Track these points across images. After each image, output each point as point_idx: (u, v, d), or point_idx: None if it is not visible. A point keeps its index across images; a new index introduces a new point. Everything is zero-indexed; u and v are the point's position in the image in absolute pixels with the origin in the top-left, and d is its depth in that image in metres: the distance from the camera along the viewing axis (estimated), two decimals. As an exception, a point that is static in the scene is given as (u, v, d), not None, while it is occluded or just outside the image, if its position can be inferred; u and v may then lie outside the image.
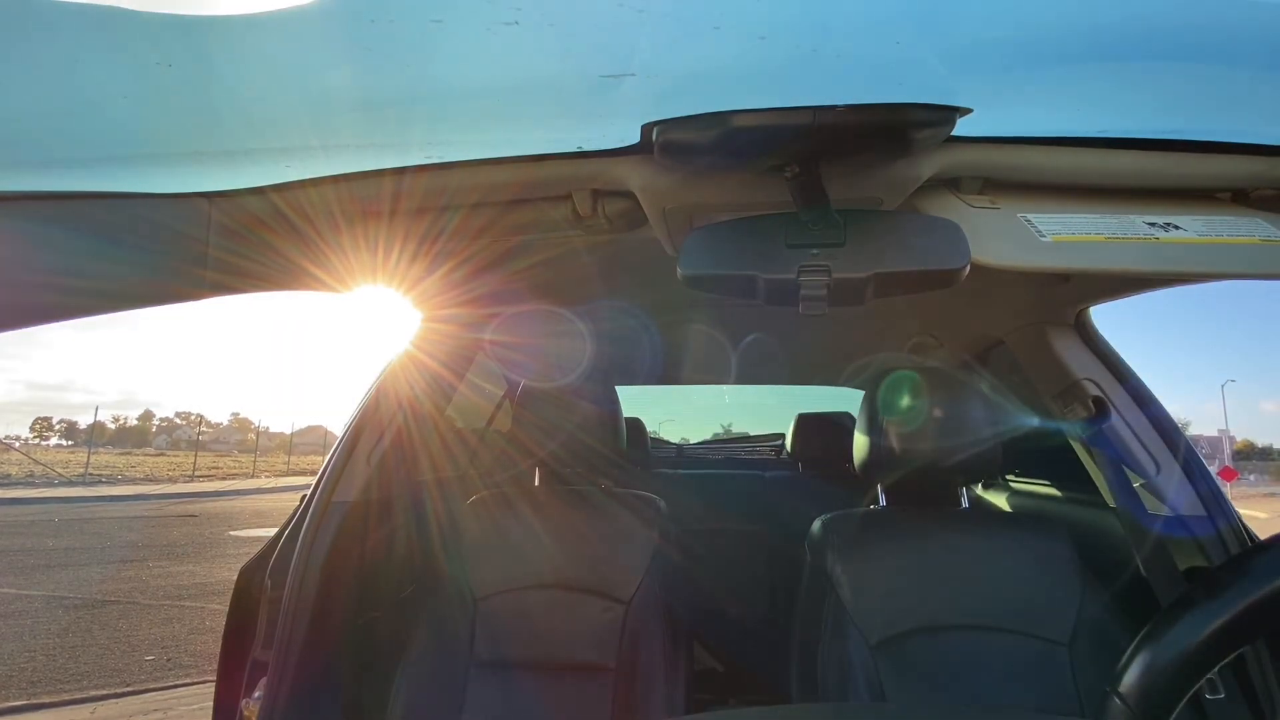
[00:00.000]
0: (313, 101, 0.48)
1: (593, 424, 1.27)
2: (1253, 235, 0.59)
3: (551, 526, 1.23)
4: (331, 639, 1.06)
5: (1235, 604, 0.54)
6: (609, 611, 1.18)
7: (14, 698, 3.32)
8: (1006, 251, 0.58)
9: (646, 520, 1.25)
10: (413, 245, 0.81)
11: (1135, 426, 1.11)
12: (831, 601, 1.04)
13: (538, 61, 0.44)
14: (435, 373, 1.29)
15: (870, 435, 1.10)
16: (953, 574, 1.04)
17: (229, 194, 0.63)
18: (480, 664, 1.16)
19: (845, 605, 1.02)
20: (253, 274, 0.71)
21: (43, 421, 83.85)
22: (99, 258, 0.55)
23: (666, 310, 1.49)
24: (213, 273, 0.64)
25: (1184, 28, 0.41)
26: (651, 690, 1.11)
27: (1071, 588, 1.01)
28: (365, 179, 0.65)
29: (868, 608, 1.02)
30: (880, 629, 1.00)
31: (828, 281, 0.56)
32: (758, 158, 0.61)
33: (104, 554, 7.15)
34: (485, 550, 1.23)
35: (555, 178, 0.69)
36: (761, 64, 0.44)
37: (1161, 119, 0.58)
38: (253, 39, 0.39)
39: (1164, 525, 1.03)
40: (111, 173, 0.55)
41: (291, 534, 1.11)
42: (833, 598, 1.04)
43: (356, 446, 1.15)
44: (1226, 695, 0.87)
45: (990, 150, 0.63)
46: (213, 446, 49.54)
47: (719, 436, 3.32)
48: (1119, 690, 0.54)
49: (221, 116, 0.49)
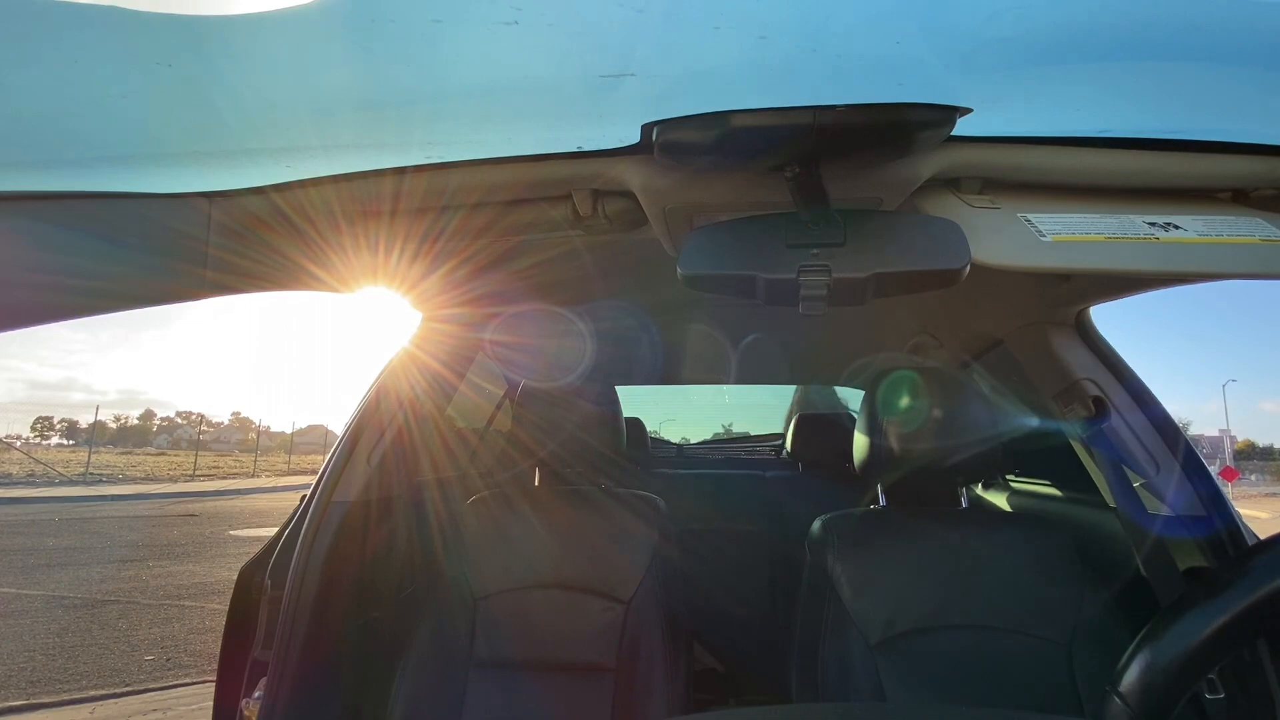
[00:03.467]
0: (313, 101, 0.48)
1: (593, 424, 1.27)
2: (1253, 235, 0.59)
3: (552, 526, 1.23)
4: (331, 639, 1.06)
5: (1235, 604, 0.54)
6: (609, 611, 1.18)
7: (13, 697, 3.32)
8: (1007, 251, 0.58)
9: (647, 520, 1.25)
10: (413, 245, 0.81)
11: (1135, 426, 1.11)
12: (831, 601, 1.04)
13: (538, 61, 0.44)
14: (435, 372, 1.29)
15: (870, 435, 1.10)
16: (953, 574, 1.04)
17: (229, 194, 0.63)
18: (480, 664, 1.16)
19: (845, 605, 1.03)
20: (253, 274, 0.71)
21: (44, 421, 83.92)
22: (99, 258, 0.55)
23: (667, 310, 1.49)
24: (213, 273, 0.64)
25: (1184, 28, 0.41)
26: (651, 690, 1.11)
27: (1071, 588, 1.01)
28: (365, 179, 0.65)
29: (868, 607, 1.02)
30: (880, 629, 1.00)
31: (828, 281, 0.56)
32: (758, 158, 0.61)
33: (104, 553, 7.15)
34: (485, 550, 1.23)
35: (555, 178, 0.69)
36: (761, 64, 0.44)
37: (1162, 119, 0.58)
38: (253, 39, 0.39)
39: (1164, 525, 1.03)
40: (111, 173, 0.55)
41: (292, 534, 1.11)
42: (833, 597, 1.04)
43: (357, 446, 1.15)
44: (1226, 695, 0.87)
45: (990, 150, 0.63)
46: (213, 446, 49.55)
47: (719, 436, 3.32)
48: (1119, 690, 0.54)
49: (222, 116, 0.49)
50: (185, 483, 17.66)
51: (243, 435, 64.51)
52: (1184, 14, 0.40)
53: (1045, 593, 1.01)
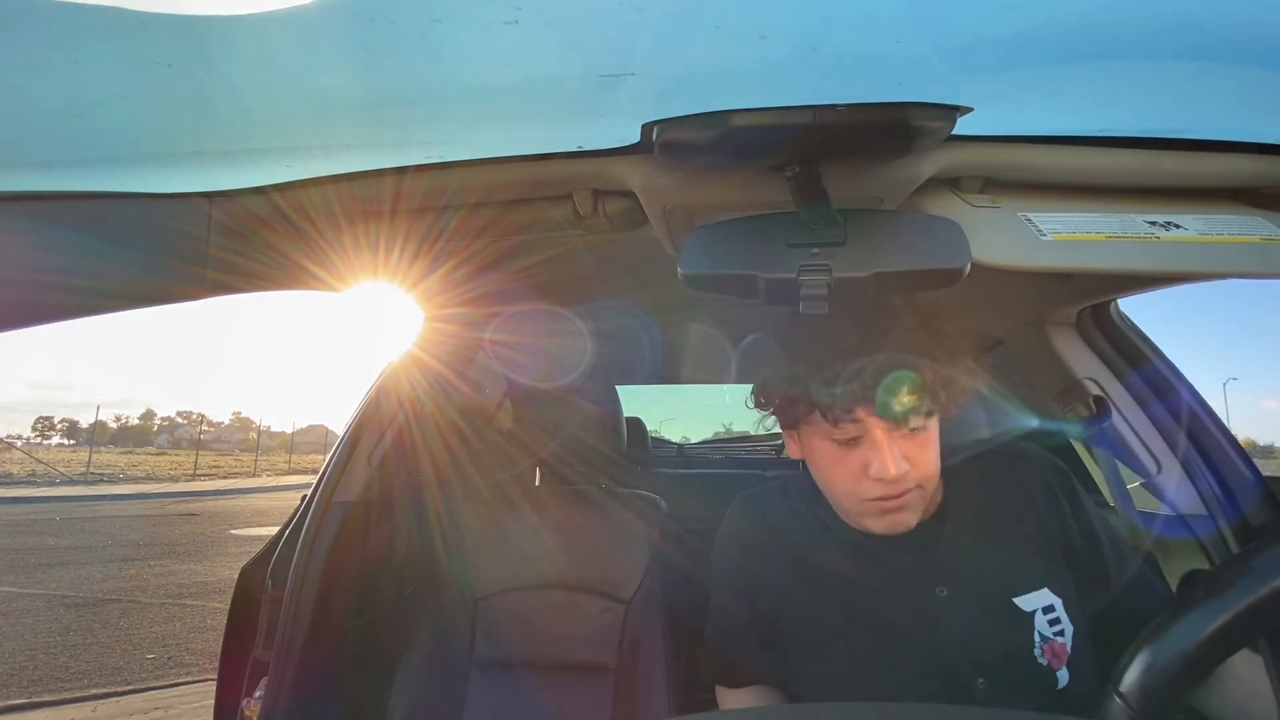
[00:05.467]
0: (313, 101, 0.48)
1: (593, 423, 1.27)
2: (1253, 234, 0.59)
3: (552, 526, 1.23)
4: (332, 639, 1.06)
5: (1235, 604, 0.54)
6: (609, 611, 1.18)
7: (15, 696, 3.33)
8: (1007, 251, 0.58)
9: (647, 520, 1.25)
10: (413, 245, 0.81)
11: (1136, 426, 1.11)
12: None
13: (538, 61, 0.44)
14: (436, 372, 1.29)
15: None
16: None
17: (229, 194, 0.63)
18: (480, 664, 1.16)
19: None
20: (253, 273, 0.71)
21: (44, 420, 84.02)
22: (99, 258, 0.55)
23: (667, 309, 1.49)
24: (213, 272, 0.64)
25: (1184, 26, 0.41)
26: (651, 690, 1.11)
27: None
28: (366, 179, 0.65)
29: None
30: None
31: (828, 281, 0.56)
32: (758, 157, 0.61)
33: (105, 552, 7.16)
34: (486, 550, 1.23)
35: (556, 177, 0.69)
36: (761, 63, 0.44)
37: (1162, 118, 0.58)
38: (253, 39, 0.39)
39: (1164, 525, 1.03)
40: (111, 173, 0.55)
41: (292, 534, 1.11)
42: None
43: (357, 446, 1.15)
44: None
45: (991, 149, 0.63)
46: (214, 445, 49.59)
47: (720, 436, 3.31)
48: (1119, 690, 0.54)
49: (222, 116, 0.49)
50: (186, 482, 17.69)
51: (243, 435, 64.53)
52: (1184, 13, 0.40)
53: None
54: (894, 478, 0.69)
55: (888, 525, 0.75)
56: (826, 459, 0.75)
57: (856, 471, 0.72)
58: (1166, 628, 0.55)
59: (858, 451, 0.72)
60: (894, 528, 0.75)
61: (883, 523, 0.75)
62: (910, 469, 0.70)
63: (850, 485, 0.74)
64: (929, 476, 0.74)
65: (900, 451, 0.70)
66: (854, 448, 0.72)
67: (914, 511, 0.74)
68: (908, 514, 0.74)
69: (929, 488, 0.75)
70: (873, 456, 0.70)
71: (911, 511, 0.74)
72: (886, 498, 0.72)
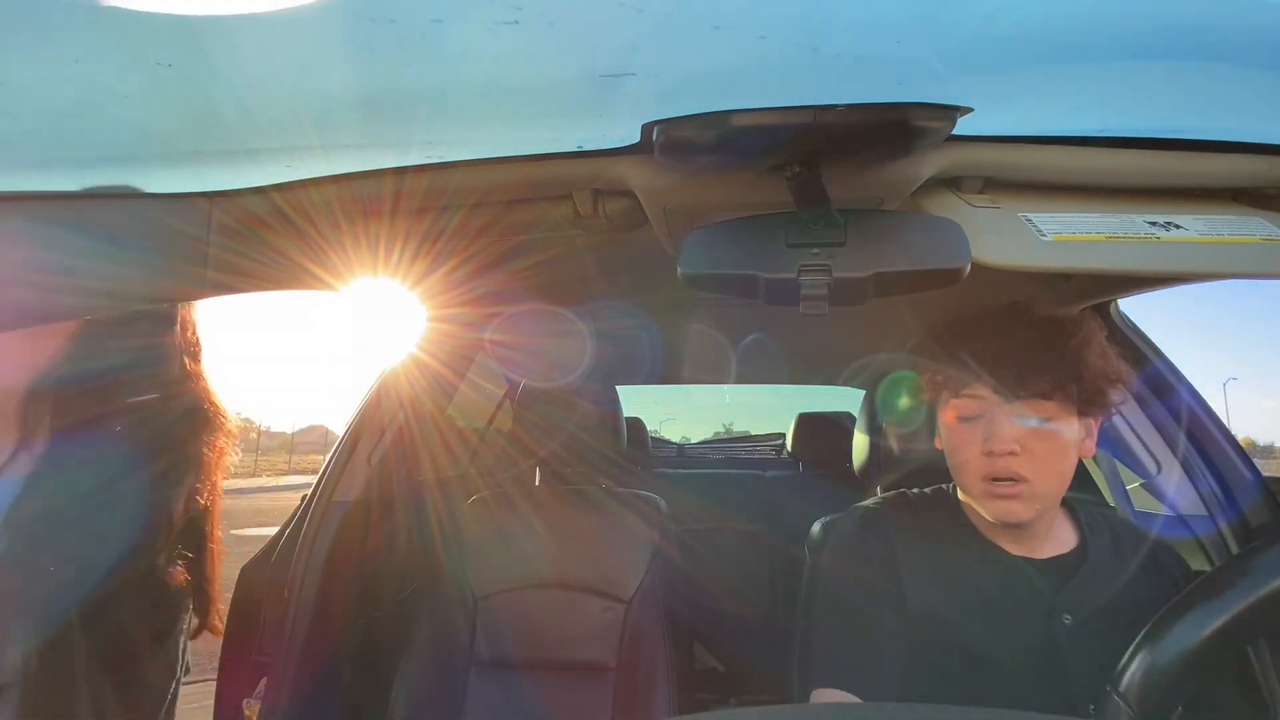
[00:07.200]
0: (313, 101, 0.48)
1: (593, 423, 1.27)
2: (1254, 234, 0.59)
3: (552, 526, 1.24)
4: (332, 639, 1.06)
5: (1235, 604, 0.54)
6: (609, 611, 1.18)
7: (15, 697, 3.32)
8: (1007, 251, 0.58)
9: (647, 520, 1.25)
10: (413, 245, 0.81)
11: (1136, 426, 1.11)
12: None
13: (538, 61, 0.44)
14: (436, 372, 1.29)
15: (870, 435, 1.10)
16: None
17: (230, 194, 0.63)
18: (481, 663, 1.16)
19: None
20: (254, 273, 0.71)
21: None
22: (99, 258, 0.55)
23: (667, 310, 1.49)
24: (213, 272, 0.64)
25: (1185, 27, 0.41)
26: (652, 690, 1.11)
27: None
28: (366, 179, 0.65)
29: None
30: None
31: (828, 281, 0.56)
32: (758, 157, 0.61)
33: (105, 553, 7.14)
34: (486, 550, 1.23)
35: (555, 177, 0.69)
36: (761, 64, 0.44)
37: (1163, 118, 0.58)
38: (253, 39, 0.40)
39: (1164, 525, 1.03)
40: (111, 173, 0.55)
41: (292, 534, 1.11)
42: None
43: (357, 446, 1.15)
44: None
45: (991, 149, 0.63)
46: (214, 446, 49.46)
47: (720, 436, 3.32)
48: (1119, 690, 0.54)
49: (222, 116, 0.49)
50: (186, 482, 17.63)
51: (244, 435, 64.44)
52: (1184, 13, 0.40)
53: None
54: (1001, 451, 0.74)
55: (1000, 512, 0.77)
56: (954, 435, 0.81)
57: (976, 445, 0.77)
58: (1166, 628, 0.55)
59: (980, 425, 0.77)
60: (1006, 515, 0.77)
61: (995, 508, 0.78)
62: (1023, 456, 0.74)
63: (971, 457, 0.78)
64: (1043, 476, 0.76)
65: (1015, 435, 0.75)
66: (977, 424, 0.78)
67: (1027, 506, 0.76)
68: (1019, 505, 0.76)
69: (1042, 492, 0.76)
70: (990, 432, 0.76)
71: (1024, 505, 0.76)
72: (999, 480, 0.76)
